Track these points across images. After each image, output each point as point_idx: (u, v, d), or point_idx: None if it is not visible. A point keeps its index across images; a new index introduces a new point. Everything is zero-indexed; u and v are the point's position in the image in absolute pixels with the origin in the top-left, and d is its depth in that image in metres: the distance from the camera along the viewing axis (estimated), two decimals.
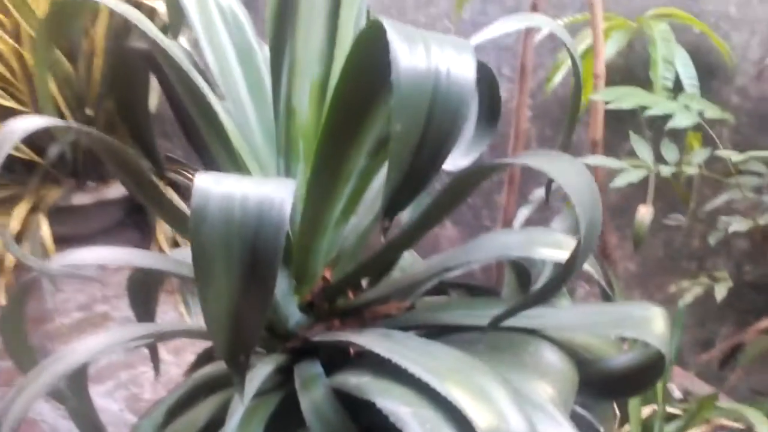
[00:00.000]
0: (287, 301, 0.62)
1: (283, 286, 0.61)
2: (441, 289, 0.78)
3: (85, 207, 1.63)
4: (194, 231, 0.40)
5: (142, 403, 1.20)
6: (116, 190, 1.70)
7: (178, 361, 1.34)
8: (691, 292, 0.83)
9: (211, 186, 0.41)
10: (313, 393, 0.55)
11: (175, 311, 1.52)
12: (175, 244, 1.58)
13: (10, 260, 1.33)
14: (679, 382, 0.86)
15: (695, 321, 1.10)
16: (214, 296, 0.43)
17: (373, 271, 0.63)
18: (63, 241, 1.50)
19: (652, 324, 0.54)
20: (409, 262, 0.82)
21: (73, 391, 0.75)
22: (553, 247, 0.62)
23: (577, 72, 0.60)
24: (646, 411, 0.73)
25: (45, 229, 1.41)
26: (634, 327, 0.54)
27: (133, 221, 1.76)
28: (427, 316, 0.64)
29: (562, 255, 0.61)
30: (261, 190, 0.42)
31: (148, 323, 0.75)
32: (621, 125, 1.02)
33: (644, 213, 0.95)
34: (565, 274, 0.52)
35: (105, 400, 1.20)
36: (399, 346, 0.52)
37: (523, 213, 0.85)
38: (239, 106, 0.70)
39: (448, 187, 0.54)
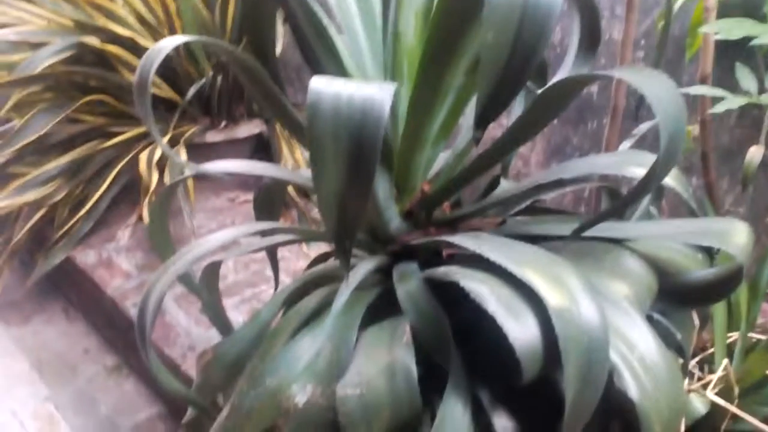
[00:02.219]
0: (389, 207, 0.69)
1: (385, 192, 0.68)
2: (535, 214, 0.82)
3: (217, 144, 1.79)
4: (309, 124, 0.48)
5: None
6: (245, 130, 1.85)
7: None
8: None
9: (322, 87, 0.48)
10: (409, 284, 0.62)
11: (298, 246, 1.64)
12: None
13: (154, 181, 1.51)
14: None
15: None
16: (326, 181, 0.51)
17: (465, 182, 0.68)
18: (196, 176, 1.67)
19: (733, 236, 0.56)
20: (505, 188, 0.86)
21: (206, 285, 0.87)
22: (645, 167, 0.64)
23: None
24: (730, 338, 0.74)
25: (183, 160, 1.58)
26: (715, 237, 0.56)
27: (259, 158, 1.91)
28: (515, 228, 0.69)
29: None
30: (365, 90, 0.48)
31: (267, 222, 0.85)
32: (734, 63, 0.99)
33: (754, 153, 0.93)
34: (645, 184, 0.55)
35: (231, 312, 1.35)
36: (485, 242, 0.58)
37: (625, 147, 0.86)
38: (353, 36, 0.76)
39: (540, 98, 0.58)
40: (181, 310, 1.39)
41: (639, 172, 0.64)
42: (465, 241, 0.59)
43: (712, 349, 0.74)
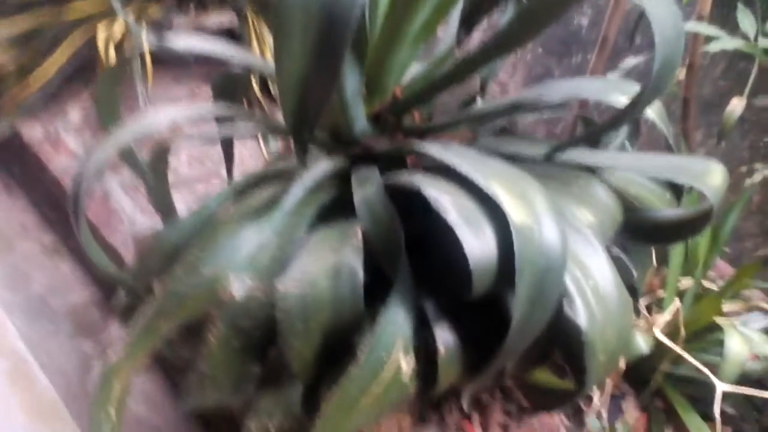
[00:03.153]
0: (356, 105, 0.64)
1: (353, 88, 0.63)
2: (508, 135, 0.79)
3: (182, 30, 1.69)
4: (276, 10, 0.42)
5: None
6: (215, 19, 1.74)
7: None
8: (761, 172, 0.81)
9: None
10: (366, 189, 0.59)
11: (255, 140, 1.58)
12: None
13: (111, 59, 1.41)
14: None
15: (762, 231, 1.07)
16: (289, 59, 0.46)
17: (441, 89, 0.64)
18: (159, 62, 1.57)
19: (709, 176, 0.54)
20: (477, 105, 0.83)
21: (153, 168, 0.82)
22: (630, 96, 0.61)
23: None
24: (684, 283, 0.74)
25: (144, 40, 1.47)
26: (690, 176, 0.54)
27: None
28: (486, 145, 0.65)
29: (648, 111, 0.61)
30: None
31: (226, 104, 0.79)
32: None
33: (736, 104, 0.91)
34: (630, 109, 0.52)
35: (180, 205, 1.30)
36: (453, 152, 0.54)
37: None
38: None
39: (529, 7, 0.53)
40: (128, 197, 1.33)
41: (623, 100, 0.61)
42: (432, 148, 0.55)
43: (660, 293, 0.73)
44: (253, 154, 1.51)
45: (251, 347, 0.54)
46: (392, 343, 0.48)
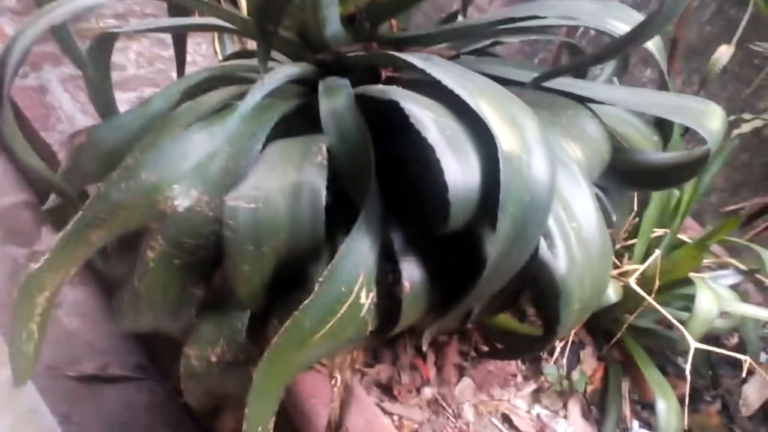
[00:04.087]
0: (329, 5, 0.57)
1: None
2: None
3: None
4: None
5: None
6: None
7: None
8: (749, 123, 0.78)
9: None
10: (334, 100, 0.52)
11: (209, 47, 1.47)
12: None
13: None
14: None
15: (729, 186, 1.05)
16: None
17: None
18: None
19: (708, 118, 0.49)
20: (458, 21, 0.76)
21: (94, 60, 0.73)
22: (628, 24, 0.56)
23: None
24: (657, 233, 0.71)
25: None
26: (689, 117, 0.49)
27: None
28: (469, 64, 0.59)
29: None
30: None
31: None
32: None
33: (723, 52, 0.86)
34: (634, 37, 0.47)
35: (122, 106, 1.20)
36: (436, 65, 0.48)
37: None
38: None
39: None
40: (67, 94, 1.22)
41: (620, 27, 0.55)
42: (412, 59, 0.49)
43: (632, 241, 0.71)
44: (207, 56, 1.40)
45: (194, 267, 0.49)
46: (354, 275, 0.43)
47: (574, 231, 0.45)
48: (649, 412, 0.73)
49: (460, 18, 0.78)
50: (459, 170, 0.40)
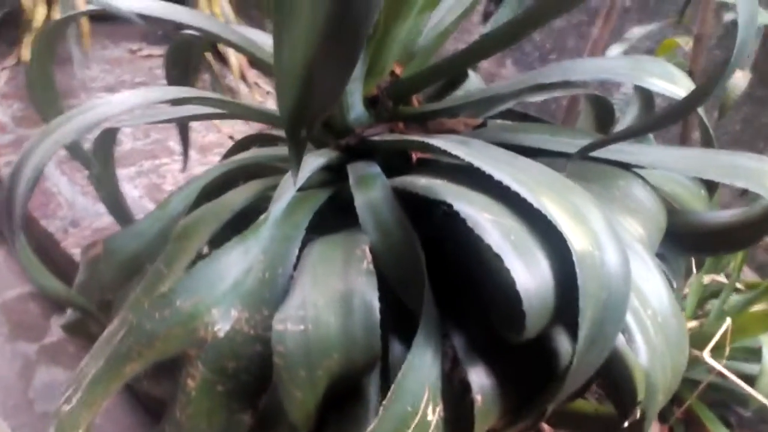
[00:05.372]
0: (352, 89, 0.54)
1: None
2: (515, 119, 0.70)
3: None
4: None
5: (163, 193, 1.17)
6: None
7: (203, 159, 1.29)
8: None
9: None
10: (370, 192, 0.49)
11: None
12: None
13: (40, 16, 1.24)
14: None
15: None
16: (292, 38, 0.35)
17: (446, 73, 0.55)
18: (94, 18, 1.40)
19: (766, 176, 0.46)
20: (476, 85, 0.73)
21: (98, 157, 0.70)
22: (665, 80, 0.53)
23: None
24: (706, 279, 0.68)
25: None
26: (746, 177, 0.47)
27: None
28: (500, 135, 0.56)
29: (675, 89, 0.53)
30: None
31: (185, 88, 0.68)
32: None
33: (739, 78, 0.85)
34: (691, 102, 0.44)
35: (125, 184, 1.17)
36: (476, 151, 0.45)
37: (616, 50, 0.75)
38: None
39: None
40: (65, 177, 1.18)
41: (660, 85, 0.53)
42: (450, 145, 0.46)
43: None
44: (205, 126, 1.38)
45: (239, 393, 0.45)
46: (419, 393, 0.40)
47: (650, 319, 0.42)
48: None
49: (472, 76, 0.76)
50: (531, 278, 0.37)
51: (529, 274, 0.37)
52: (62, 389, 0.48)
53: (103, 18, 1.52)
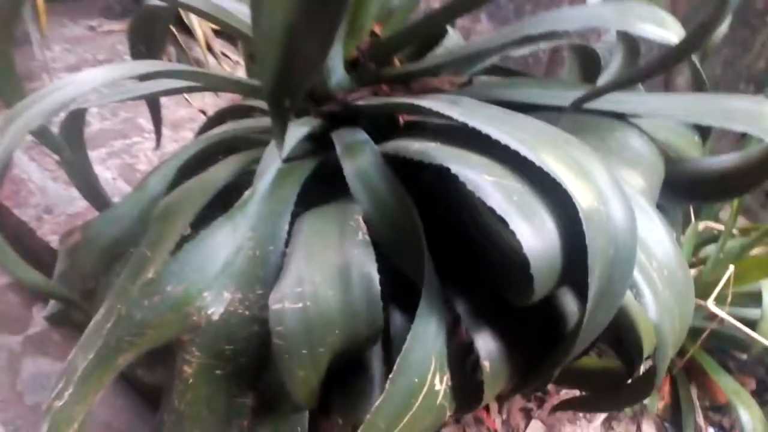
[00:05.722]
0: (332, 53, 0.51)
1: None
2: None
3: None
4: None
5: (137, 174, 1.14)
6: None
7: (175, 136, 1.25)
8: None
9: None
10: (359, 159, 0.47)
11: None
12: None
13: None
14: None
15: None
16: (271, 2, 0.33)
17: (426, 31, 0.53)
18: None
19: (766, 120, 0.45)
20: (456, 42, 0.71)
21: (68, 140, 0.67)
22: (656, 24, 0.51)
23: None
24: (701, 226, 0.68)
25: None
26: (744, 120, 0.45)
27: None
28: (489, 93, 0.54)
29: (666, 34, 0.51)
30: None
31: (153, 61, 0.65)
32: None
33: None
34: (687, 46, 0.42)
35: (97, 166, 1.13)
36: (472, 112, 0.43)
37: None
38: None
39: None
40: (34, 162, 1.14)
41: (651, 30, 0.51)
42: (440, 105, 0.44)
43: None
44: (174, 101, 1.34)
45: (238, 375, 0.43)
46: (425, 364, 0.39)
47: (657, 272, 0.41)
48: (721, 414, 0.71)
49: (450, 32, 0.73)
50: (537, 240, 0.35)
51: (536, 236, 0.35)
52: (52, 383, 0.46)
53: None
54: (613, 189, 0.37)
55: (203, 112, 1.34)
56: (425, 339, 0.39)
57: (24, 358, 0.98)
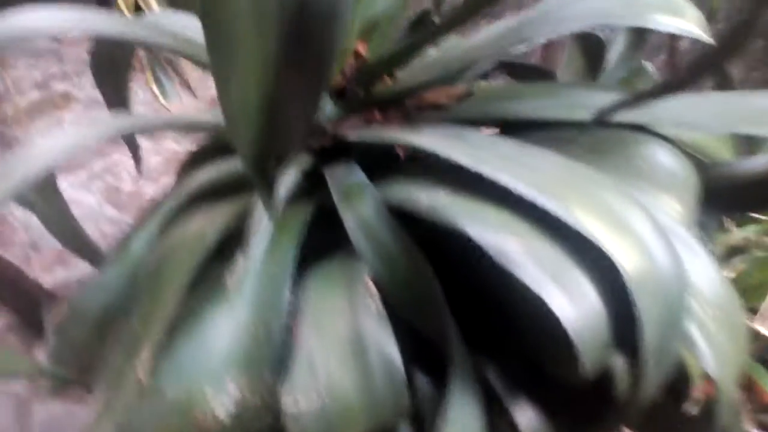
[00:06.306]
0: None
1: None
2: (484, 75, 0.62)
3: None
4: None
5: (122, 195, 1.08)
6: None
7: (157, 147, 1.20)
8: None
9: None
10: (359, 208, 0.42)
11: (146, 91, 1.34)
12: (138, 9, 1.33)
13: None
14: None
15: None
16: (239, 76, 0.28)
17: (420, 50, 0.47)
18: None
19: None
20: (453, 44, 0.65)
21: (42, 195, 0.62)
22: (670, 13, 0.46)
23: None
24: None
25: None
26: None
27: None
28: (493, 107, 0.49)
29: (684, 24, 0.46)
30: None
31: (124, 114, 0.59)
32: None
33: None
34: (735, 38, 0.37)
35: (79, 192, 1.08)
36: (478, 149, 0.38)
37: None
38: None
39: None
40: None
41: (668, 22, 0.45)
42: (442, 143, 0.39)
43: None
44: (147, 103, 1.27)
45: None
46: None
47: (708, 315, 0.36)
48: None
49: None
50: (579, 313, 0.31)
51: (576, 308, 0.31)
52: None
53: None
54: (657, 238, 0.33)
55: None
56: (461, 420, 0.35)
57: (33, 405, 0.94)
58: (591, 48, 0.62)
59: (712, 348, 0.35)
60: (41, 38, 1.39)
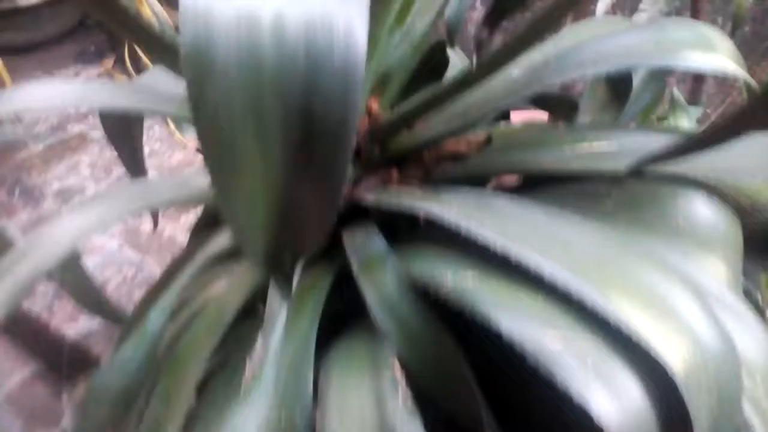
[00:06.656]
0: None
1: None
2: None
3: (35, 8, 1.36)
4: (195, 97, 0.22)
5: (141, 237, 1.08)
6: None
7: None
8: None
9: (214, 5, 0.21)
10: (381, 282, 0.40)
11: (162, 126, 1.33)
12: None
13: None
14: None
15: None
16: (244, 193, 0.26)
17: (437, 107, 0.45)
18: (13, 51, 1.27)
19: None
20: (458, 68, 0.63)
21: (71, 275, 0.61)
22: (704, 49, 0.43)
23: None
24: None
25: None
26: None
27: (96, 22, 1.49)
28: (515, 157, 0.46)
29: (720, 61, 0.43)
30: (308, 3, 0.22)
31: (144, 183, 0.58)
32: None
33: None
34: None
35: (100, 237, 1.07)
36: (504, 220, 0.36)
37: (601, 9, 0.64)
38: None
39: None
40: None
41: (701, 60, 0.42)
42: (464, 212, 0.37)
43: None
44: (163, 139, 1.27)
45: None
46: None
47: (763, 391, 0.34)
48: None
49: (450, 53, 0.65)
50: (624, 413, 0.28)
51: (621, 408, 0.28)
52: None
53: (26, 49, 1.38)
54: (705, 319, 0.30)
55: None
56: None
57: None
58: (615, 75, 0.59)
59: None
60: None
